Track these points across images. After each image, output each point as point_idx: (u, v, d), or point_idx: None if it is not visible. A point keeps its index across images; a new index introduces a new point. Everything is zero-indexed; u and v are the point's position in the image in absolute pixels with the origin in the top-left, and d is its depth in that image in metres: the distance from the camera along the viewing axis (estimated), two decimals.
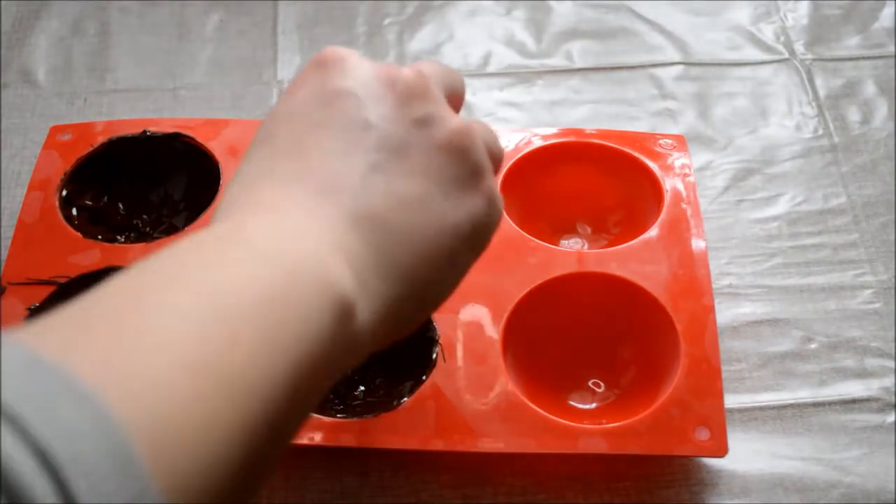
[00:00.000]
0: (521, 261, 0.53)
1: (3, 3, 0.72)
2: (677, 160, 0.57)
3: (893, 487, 0.50)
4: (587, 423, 0.48)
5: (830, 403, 0.53)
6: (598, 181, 0.58)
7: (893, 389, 0.53)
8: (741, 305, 0.56)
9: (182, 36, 0.71)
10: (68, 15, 0.72)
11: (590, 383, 0.52)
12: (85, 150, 0.57)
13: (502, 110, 0.66)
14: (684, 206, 0.55)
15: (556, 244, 0.56)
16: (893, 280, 0.57)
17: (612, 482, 0.50)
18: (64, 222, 0.54)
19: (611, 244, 0.56)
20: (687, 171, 0.57)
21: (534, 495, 0.49)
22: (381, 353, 0.51)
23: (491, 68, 0.69)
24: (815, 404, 0.53)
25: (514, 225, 0.54)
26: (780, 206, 0.61)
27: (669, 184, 0.56)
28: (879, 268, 0.58)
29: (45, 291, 0.51)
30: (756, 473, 0.50)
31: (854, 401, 0.53)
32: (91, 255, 0.53)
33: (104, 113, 0.65)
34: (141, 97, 0.66)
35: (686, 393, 0.48)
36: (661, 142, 0.58)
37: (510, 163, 0.57)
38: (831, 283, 0.57)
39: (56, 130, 0.58)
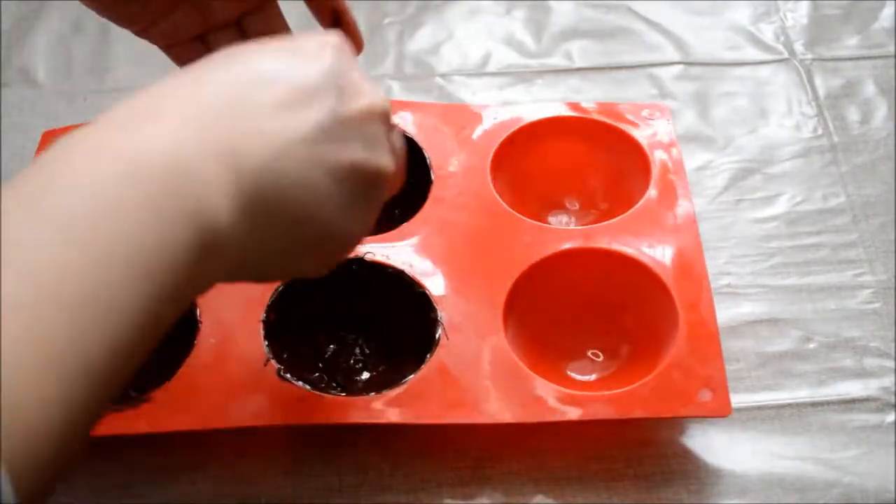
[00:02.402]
0: (516, 239, 0.54)
1: (3, 3, 0.72)
2: (661, 129, 0.59)
3: (893, 487, 0.50)
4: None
5: (829, 403, 0.53)
6: (585, 156, 0.59)
7: (892, 389, 0.53)
8: (740, 305, 0.56)
9: None
10: (68, 15, 0.72)
11: (589, 353, 0.53)
12: None
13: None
14: (671, 176, 0.56)
15: (545, 220, 0.57)
16: (893, 280, 0.57)
17: (612, 482, 0.50)
18: None
19: (599, 219, 0.57)
20: (672, 139, 0.58)
21: (533, 495, 0.49)
22: (383, 340, 0.53)
23: (491, 68, 0.69)
24: (814, 404, 0.53)
25: (506, 206, 0.55)
26: (780, 206, 0.61)
27: (656, 154, 0.57)
28: (878, 268, 0.58)
29: None
30: (755, 473, 0.50)
31: (853, 400, 0.53)
32: None
33: None
34: None
35: (687, 357, 0.49)
36: (643, 112, 0.60)
37: (499, 142, 0.58)
38: (830, 283, 0.57)
39: (48, 136, 0.59)
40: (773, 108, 0.66)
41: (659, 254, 0.53)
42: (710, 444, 0.51)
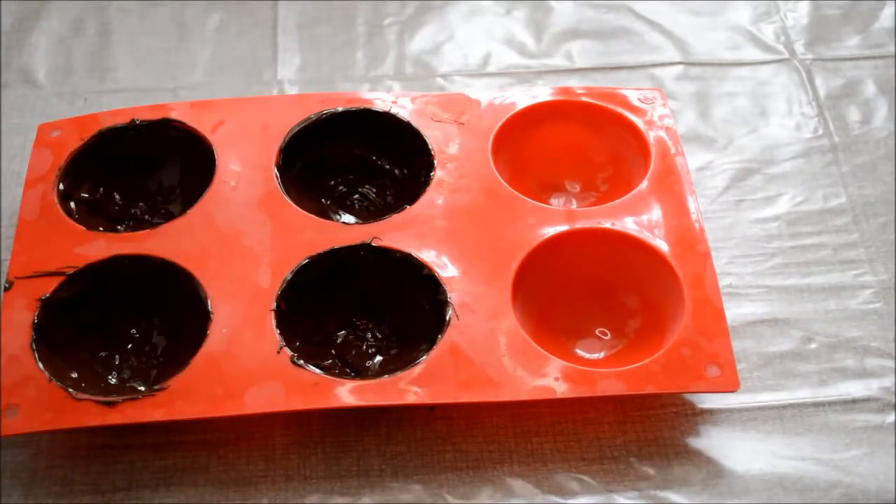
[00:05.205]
0: (521, 220, 0.54)
1: (3, 3, 0.72)
2: (657, 113, 0.59)
3: (893, 487, 0.50)
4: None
5: (830, 403, 0.53)
6: (585, 139, 0.60)
7: (893, 389, 0.53)
8: (741, 305, 0.56)
9: (182, 36, 0.71)
10: (68, 15, 0.72)
11: (597, 331, 0.54)
12: (76, 144, 0.58)
13: None
14: (670, 158, 0.57)
15: (546, 202, 0.58)
16: (893, 280, 0.57)
17: (613, 482, 0.50)
18: (65, 216, 0.55)
19: (599, 200, 0.58)
20: (668, 122, 0.59)
21: (533, 495, 0.49)
22: (394, 324, 0.53)
23: (491, 68, 0.69)
24: (815, 404, 0.53)
25: (510, 188, 0.56)
26: (780, 206, 0.61)
27: (654, 137, 0.58)
28: (879, 268, 0.58)
29: (53, 284, 0.52)
30: (756, 473, 0.50)
31: (854, 401, 0.53)
32: (97, 245, 0.53)
33: None
34: (141, 97, 0.66)
35: (694, 334, 0.50)
36: (640, 96, 0.60)
37: (500, 123, 0.59)
38: (831, 283, 0.57)
39: (45, 128, 0.59)
40: (773, 108, 0.66)
41: (662, 233, 0.54)
42: (712, 444, 0.51)
